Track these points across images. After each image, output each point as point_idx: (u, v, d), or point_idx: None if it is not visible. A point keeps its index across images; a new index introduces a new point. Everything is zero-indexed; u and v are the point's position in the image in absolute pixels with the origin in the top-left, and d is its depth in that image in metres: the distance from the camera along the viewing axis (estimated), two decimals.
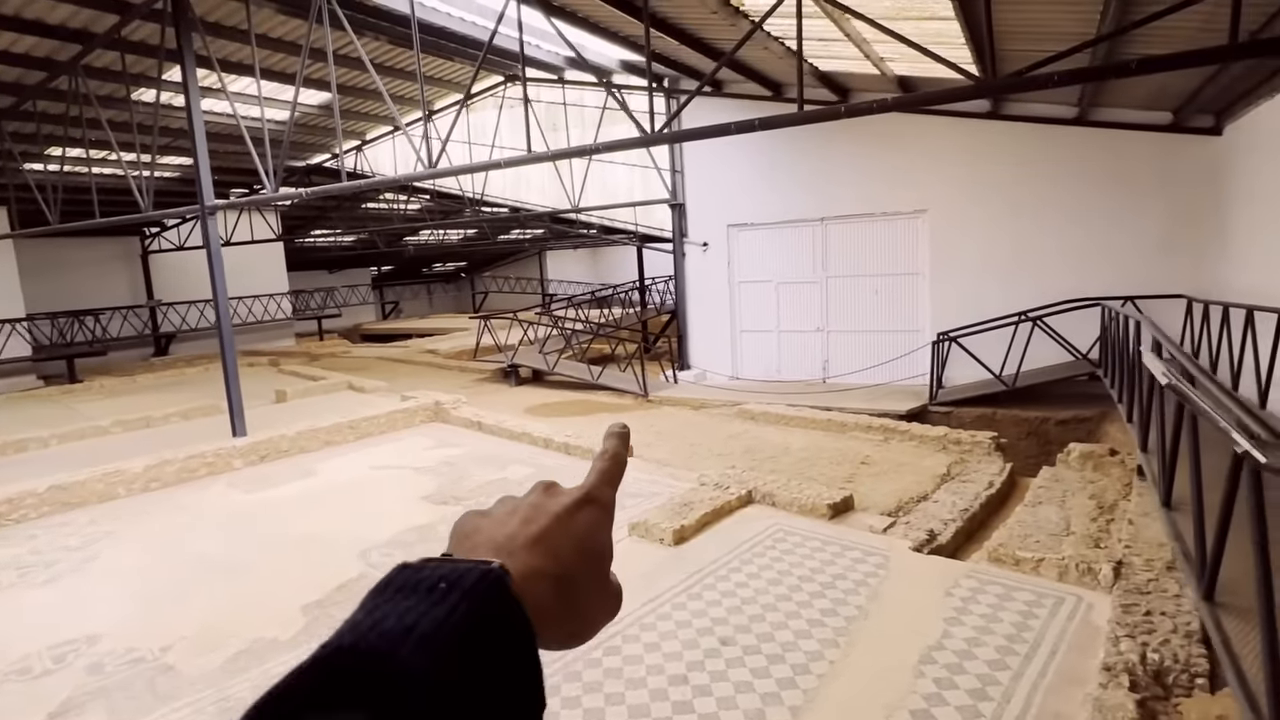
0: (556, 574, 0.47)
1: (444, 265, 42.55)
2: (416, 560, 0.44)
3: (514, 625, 0.41)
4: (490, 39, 7.43)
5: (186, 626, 5.11)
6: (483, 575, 0.42)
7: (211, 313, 23.22)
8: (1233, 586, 2.85)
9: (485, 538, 0.49)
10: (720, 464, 8.59)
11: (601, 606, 0.52)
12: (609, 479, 0.55)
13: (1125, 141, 10.13)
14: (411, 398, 11.91)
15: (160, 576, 6.03)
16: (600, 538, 0.52)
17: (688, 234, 13.72)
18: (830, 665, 4.21)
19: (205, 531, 7.04)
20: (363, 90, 14.42)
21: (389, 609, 0.39)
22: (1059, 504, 6.77)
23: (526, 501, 0.52)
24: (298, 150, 17.51)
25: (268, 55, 11.64)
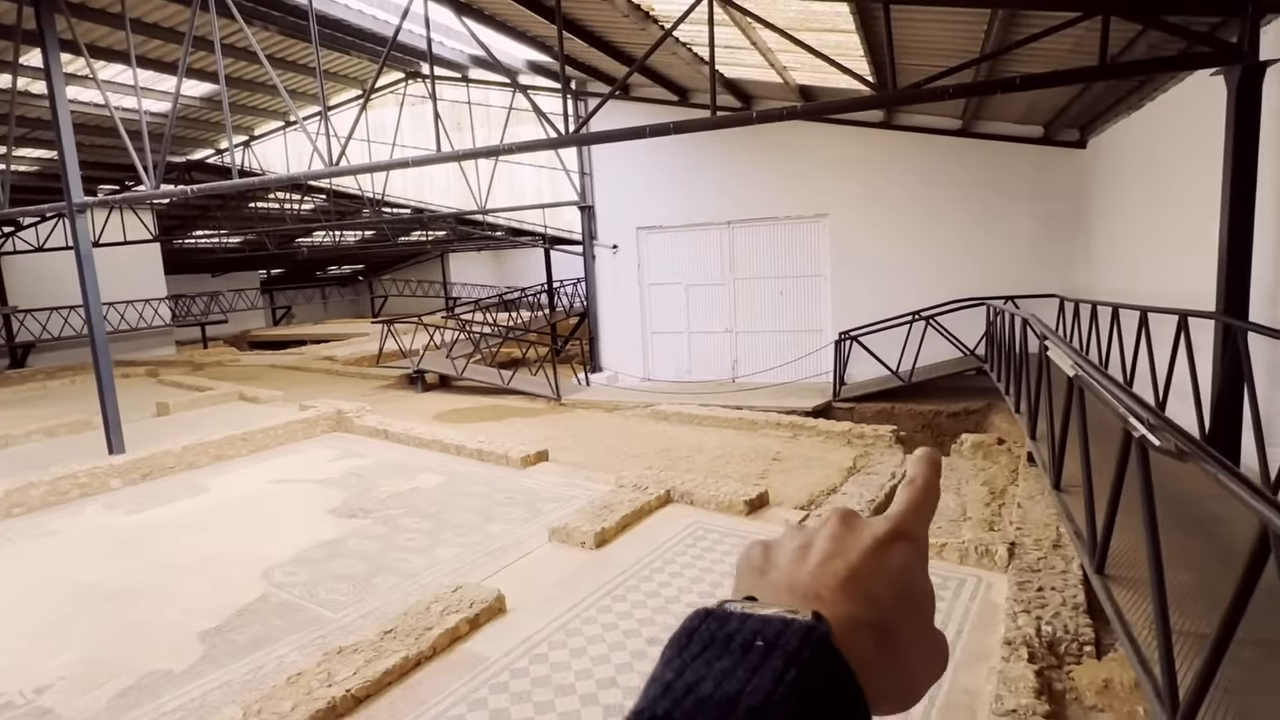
0: (875, 623, 0.40)
1: (340, 268, 40.76)
2: (718, 606, 0.38)
3: (846, 694, 0.35)
4: (395, 34, 7.18)
5: (66, 664, 4.66)
6: (806, 633, 0.35)
7: (76, 319, 21.32)
8: (1120, 560, 3.12)
9: (784, 576, 0.42)
10: (637, 465, 8.63)
11: (928, 662, 0.43)
12: (920, 511, 0.46)
13: (1003, 153, 10.93)
14: (311, 407, 11.34)
15: (31, 610, 5.46)
16: (919, 578, 0.44)
17: (597, 236, 13.73)
18: None
19: (83, 558, 6.44)
20: (252, 83, 13.62)
21: (702, 670, 0.34)
22: (955, 491, 7.20)
23: (824, 533, 0.44)
24: (178, 145, 16.33)
25: (144, 41, 10.79)
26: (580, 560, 5.81)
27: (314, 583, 5.69)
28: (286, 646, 4.76)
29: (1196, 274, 5.58)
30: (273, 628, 5.02)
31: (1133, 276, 8.25)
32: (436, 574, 5.78)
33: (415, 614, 4.79)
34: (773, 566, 0.44)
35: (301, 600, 5.41)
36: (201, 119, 15.16)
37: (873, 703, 0.36)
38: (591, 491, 7.49)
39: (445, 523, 6.88)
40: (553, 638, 4.65)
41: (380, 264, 40.28)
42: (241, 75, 13.43)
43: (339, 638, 4.81)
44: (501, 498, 7.51)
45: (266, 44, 11.65)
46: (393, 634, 4.58)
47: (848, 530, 0.44)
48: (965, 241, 11.36)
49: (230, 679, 4.40)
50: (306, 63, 13.14)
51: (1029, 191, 10.94)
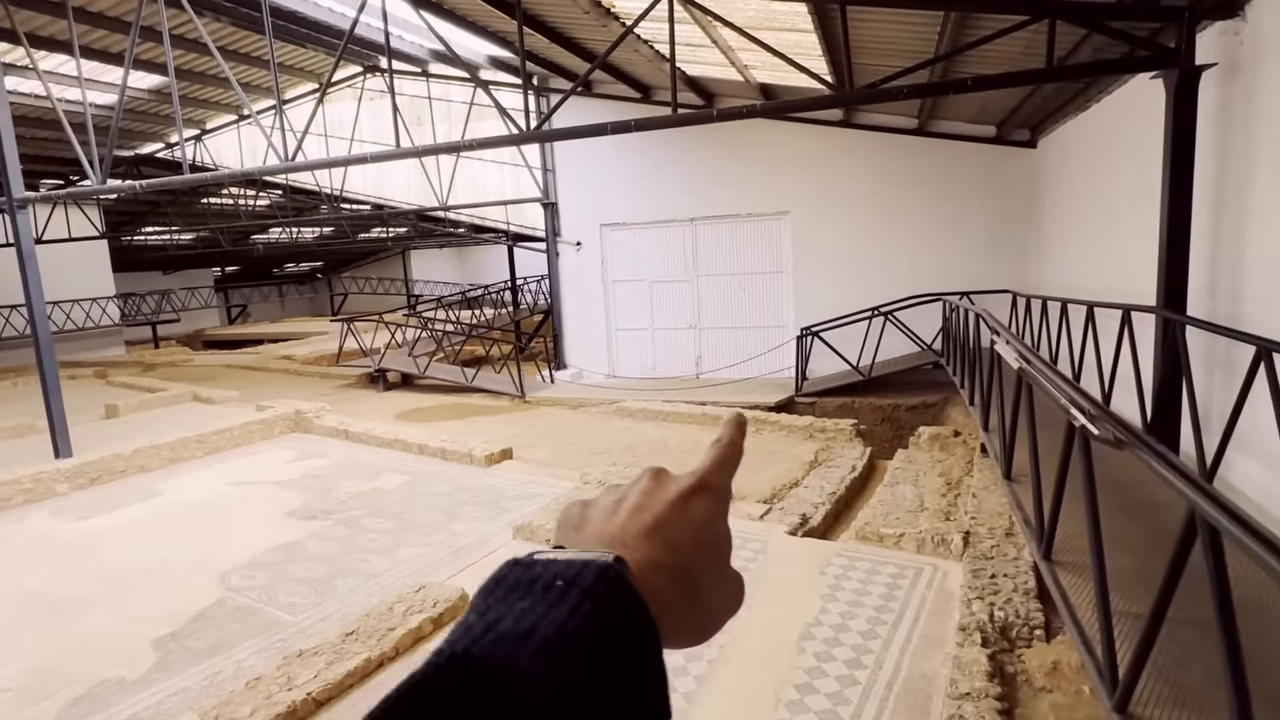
0: (675, 565, 0.44)
1: (297, 266, 39.91)
2: (525, 555, 0.41)
3: (639, 625, 0.38)
4: (352, 27, 7.06)
5: (11, 675, 4.51)
6: (602, 571, 0.39)
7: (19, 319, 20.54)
8: (1066, 546, 3.24)
9: (595, 529, 0.47)
10: (601, 462, 8.66)
11: (724, 600, 0.48)
12: (724, 465, 0.51)
13: (958, 151, 11.19)
14: (269, 407, 11.11)
15: None
16: (718, 526, 0.49)
17: (561, 233, 13.69)
18: (719, 650, 4.36)
19: (29, 566, 6.23)
20: (203, 75, 13.26)
21: (503, 610, 0.36)
22: (913, 483, 7.36)
23: (636, 489, 0.49)
24: (125, 139, 15.81)
25: (88, 31, 10.42)
26: None
27: (273, 586, 5.59)
28: (245, 651, 4.68)
29: (1140, 270, 5.79)
30: (230, 632, 4.92)
31: (1081, 272, 8.52)
32: (399, 574, 5.72)
33: (378, 615, 4.75)
34: (587, 522, 0.48)
35: (260, 604, 5.32)
36: (150, 112, 14.71)
37: (667, 634, 0.41)
38: (556, 489, 7.49)
39: (408, 522, 6.81)
40: None
41: (339, 261, 39.57)
42: (192, 67, 13.06)
43: (299, 641, 4.74)
44: (465, 496, 7.46)
45: (218, 35, 11.36)
46: (354, 635, 4.53)
47: (657, 485, 0.49)
48: (923, 238, 11.60)
49: (186, 685, 4.31)
50: (260, 55, 12.84)
51: (983, 190, 11.22)
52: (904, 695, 3.86)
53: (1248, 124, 4.62)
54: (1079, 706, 3.65)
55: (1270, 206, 4.40)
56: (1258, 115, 4.53)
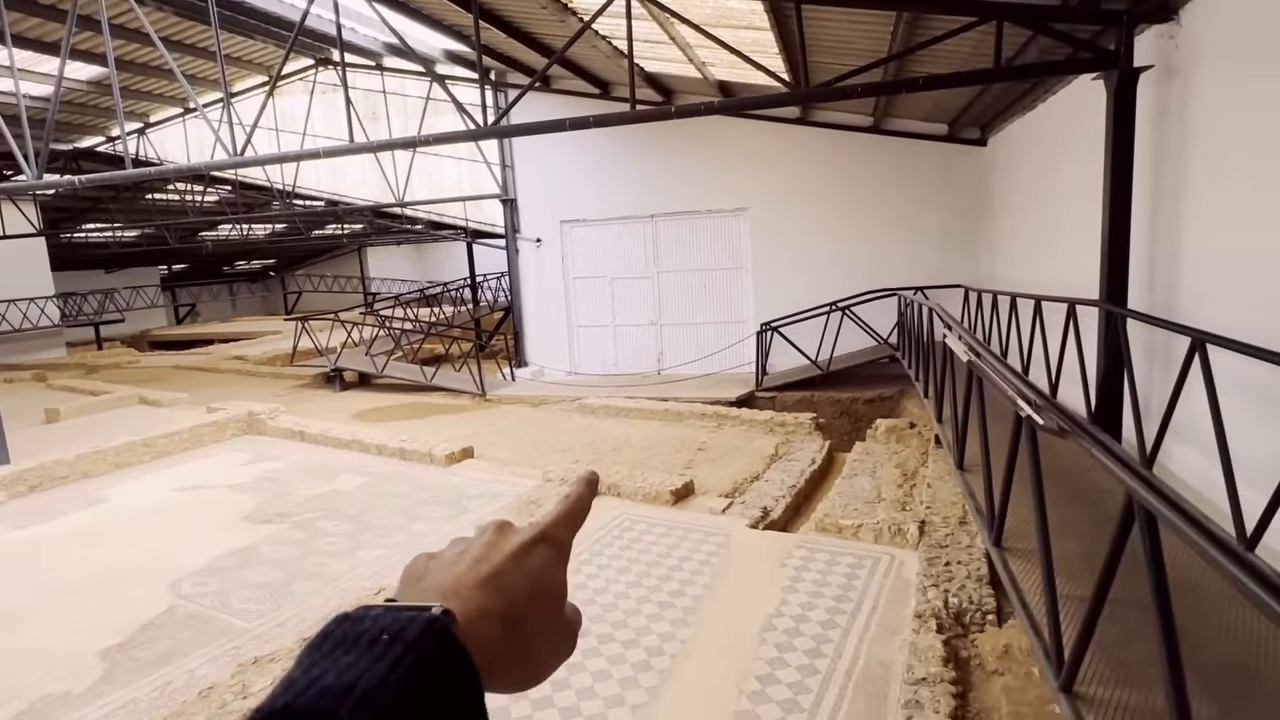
0: (506, 614, 0.46)
1: (249, 263, 38.85)
2: (356, 610, 0.42)
3: (461, 674, 0.40)
4: (302, 18, 6.88)
5: None
6: (427, 625, 0.40)
7: None
8: (1016, 532, 3.34)
9: (434, 581, 0.48)
10: (564, 459, 8.64)
11: (552, 648, 0.50)
12: (568, 520, 0.54)
13: (912, 149, 11.41)
14: (220, 409, 10.81)
15: None
16: (555, 578, 0.51)
17: (520, 230, 13.58)
18: (682, 644, 4.40)
19: None
20: (146, 66, 12.80)
21: (328, 665, 0.37)
22: (871, 474, 7.51)
23: (479, 541, 0.51)
24: (63, 132, 15.19)
25: (21, 19, 9.98)
26: None
27: (226, 592, 5.45)
28: (197, 660, 4.55)
29: (1084, 265, 5.99)
30: (181, 641, 4.79)
31: (1028, 267, 8.77)
32: (358, 577, 5.63)
33: None
34: (428, 574, 0.50)
35: (213, 611, 5.18)
36: (90, 104, 14.14)
37: (494, 681, 0.43)
38: (518, 487, 7.44)
39: (367, 524, 6.70)
40: None
41: (293, 259, 38.67)
42: (134, 58, 12.59)
43: (254, 648, 4.63)
44: (426, 496, 7.37)
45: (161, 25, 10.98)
46: None
47: (499, 537, 0.51)
48: (879, 234, 11.81)
49: (136, 697, 4.18)
50: (207, 46, 12.44)
51: (936, 186, 11.46)
52: (863, 683, 3.94)
53: (1182, 125, 4.81)
54: (1029, 688, 3.77)
55: (1204, 204, 4.59)
56: (1191, 117, 4.71)
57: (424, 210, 16.57)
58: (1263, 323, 3.89)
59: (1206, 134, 4.56)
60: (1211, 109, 4.51)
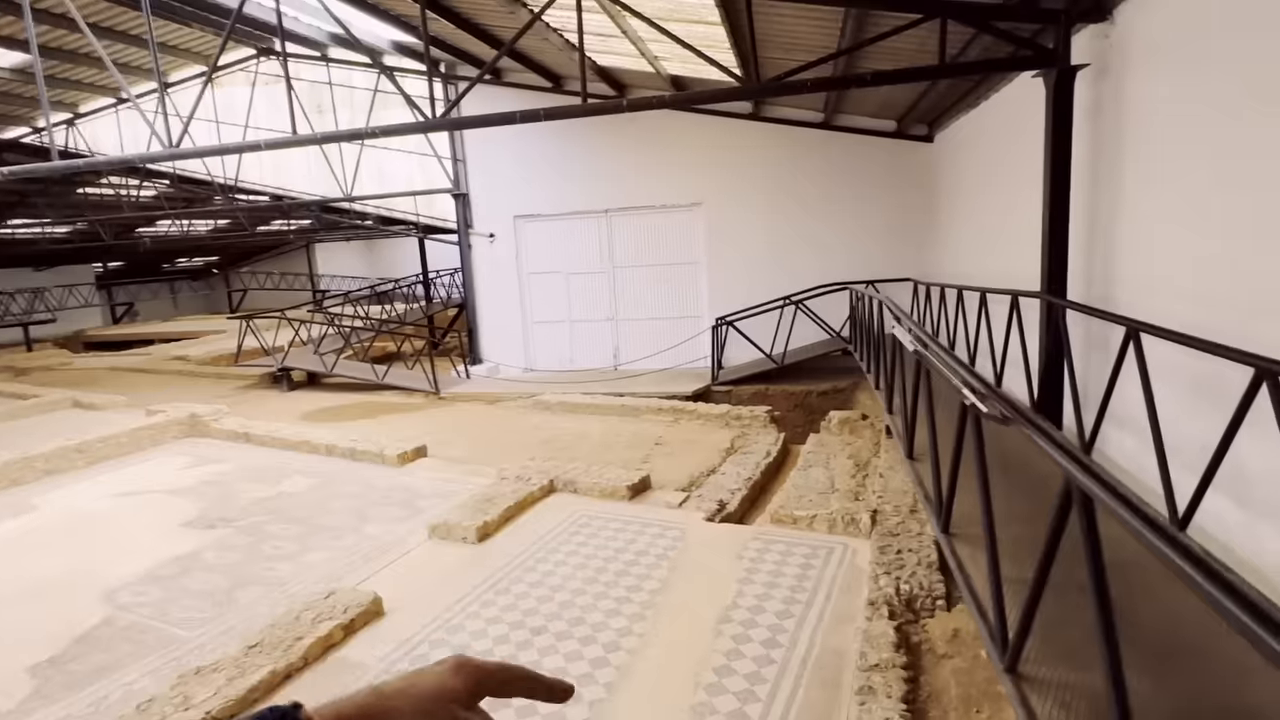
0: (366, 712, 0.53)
1: (190, 261, 37.50)
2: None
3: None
4: (241, 4, 6.64)
5: None
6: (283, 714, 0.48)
7: None
8: (963, 519, 3.41)
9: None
10: (520, 456, 8.54)
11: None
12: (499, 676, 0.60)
13: (862, 145, 11.60)
14: (160, 411, 10.41)
15: None
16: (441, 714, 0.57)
17: (473, 225, 13.38)
18: (639, 639, 4.39)
19: None
20: (74, 54, 12.20)
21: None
22: (824, 466, 7.61)
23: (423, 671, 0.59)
24: None
25: None
26: (462, 556, 5.69)
27: (167, 601, 5.26)
28: (135, 672, 4.38)
29: (1026, 257, 6.15)
30: (119, 654, 4.60)
31: (973, 260, 9.00)
32: (307, 581, 5.48)
33: (284, 625, 4.53)
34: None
35: (152, 621, 4.99)
36: (12, 93, 13.43)
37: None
38: (473, 486, 7.34)
39: (317, 527, 6.53)
40: (434, 636, 4.54)
41: (237, 255, 37.48)
42: (61, 44, 11.99)
43: (196, 658, 4.47)
44: (378, 497, 7.22)
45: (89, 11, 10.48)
46: (258, 648, 4.31)
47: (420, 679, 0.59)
48: (831, 229, 11.98)
49: (68, 714, 4.00)
50: (140, 33, 11.92)
51: (886, 182, 11.67)
52: (817, 670, 3.99)
53: (1117, 121, 4.98)
54: (976, 669, 3.86)
55: (1137, 198, 4.76)
56: (1125, 113, 4.88)
57: (373, 205, 16.19)
58: (1193, 313, 4.05)
59: (1139, 131, 4.72)
60: (1143, 106, 4.67)
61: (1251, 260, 3.63)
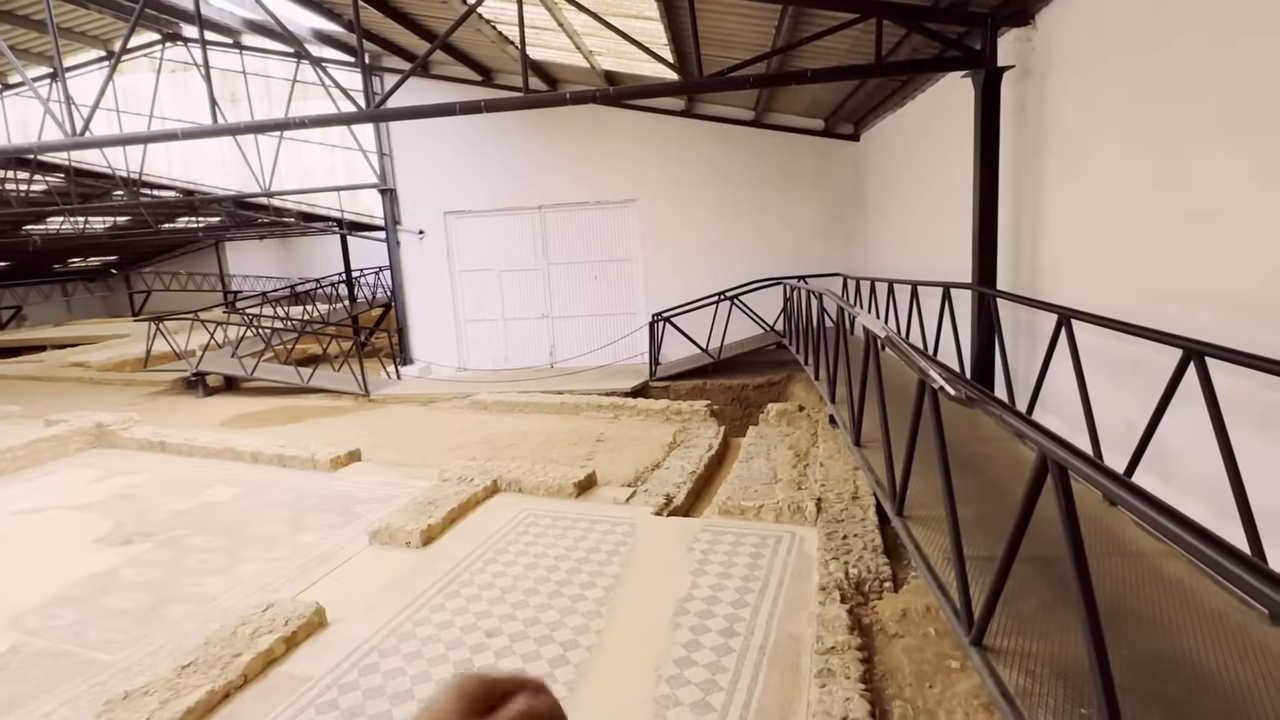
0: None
1: (85, 260, 35.00)
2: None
3: None
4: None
5: None
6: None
7: None
8: (915, 502, 3.52)
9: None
10: (458, 457, 8.35)
11: None
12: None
13: (791, 143, 11.86)
14: (61, 421, 9.67)
15: None
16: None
17: (401, 221, 12.98)
18: (597, 636, 4.35)
19: None
20: None
21: None
22: (765, 457, 7.74)
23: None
24: None
25: None
26: (407, 561, 5.51)
27: (83, 623, 4.88)
28: (52, 702, 4.04)
29: (954, 251, 6.43)
30: (31, 683, 4.23)
31: (900, 255, 9.34)
32: (240, 595, 5.19)
33: (219, 641, 4.28)
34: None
35: (68, 645, 4.62)
36: None
37: None
38: (412, 489, 7.12)
39: (246, 538, 6.20)
40: (383, 645, 4.37)
41: (140, 255, 35.21)
42: None
43: (122, 682, 4.17)
44: (311, 504, 6.91)
45: None
46: (192, 667, 4.05)
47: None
48: (762, 225, 12.20)
49: None
50: (32, 15, 11.03)
51: (814, 179, 11.98)
52: (775, 656, 4.04)
53: (1040, 120, 5.25)
54: (926, 646, 4.00)
55: (1060, 192, 5.03)
56: (1046, 112, 5.15)
57: (293, 201, 15.50)
58: (1112, 300, 4.31)
59: (1059, 128, 4.99)
60: (1062, 107, 4.94)
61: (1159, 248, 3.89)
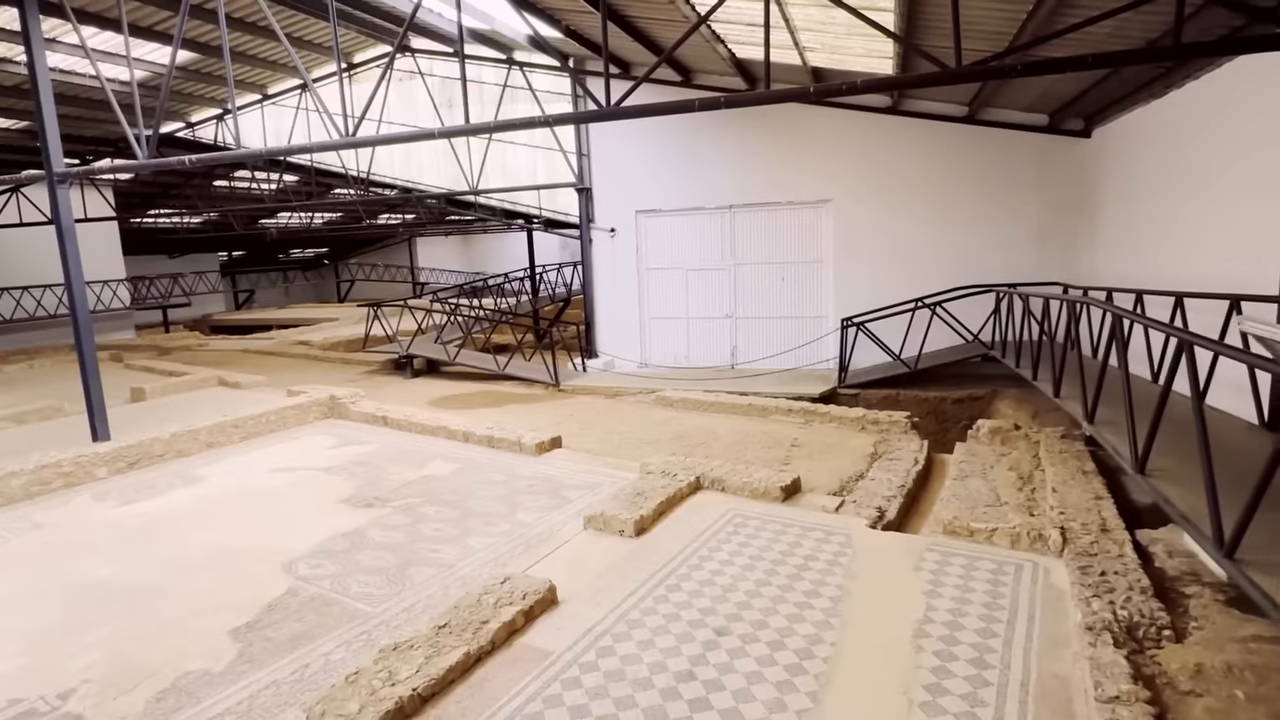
0: None
1: (303, 251, 39.54)
2: None
3: None
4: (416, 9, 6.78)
5: (88, 666, 4.31)
6: None
7: (29, 301, 20.23)
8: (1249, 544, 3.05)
9: None
10: (653, 451, 8.47)
11: None
12: None
13: (1007, 140, 10.97)
14: (301, 392, 10.89)
15: (38, 610, 5.06)
16: None
17: (594, 219, 13.43)
18: (832, 648, 4.19)
19: (84, 553, 6.01)
20: (233, 52, 12.93)
21: None
22: (982, 476, 7.18)
23: None
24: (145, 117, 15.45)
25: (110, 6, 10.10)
26: (622, 549, 5.62)
27: (343, 575, 5.40)
28: (330, 644, 4.48)
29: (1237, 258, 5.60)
30: (309, 624, 4.73)
31: (1148, 263, 8.32)
32: (473, 565, 5.54)
33: (467, 607, 4.55)
34: None
35: (334, 594, 5.12)
36: (175, 90, 14.37)
37: None
38: (615, 478, 7.30)
39: (469, 511, 6.62)
40: (615, 629, 4.46)
41: (347, 247, 39.24)
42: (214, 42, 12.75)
43: (384, 633, 4.56)
44: (523, 485, 7.27)
45: (248, 12, 11.05)
46: (447, 629, 4.34)
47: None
48: (968, 229, 11.40)
49: (276, 679, 4.12)
50: (292, 31, 12.53)
51: (1032, 179, 11.02)
52: (1042, 698, 3.68)
53: None
54: (1234, 712, 3.48)
55: None
56: None
57: (497, 198, 16.51)
58: None
59: None
60: None
61: None
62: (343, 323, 24.40)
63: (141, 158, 7.51)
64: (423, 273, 38.00)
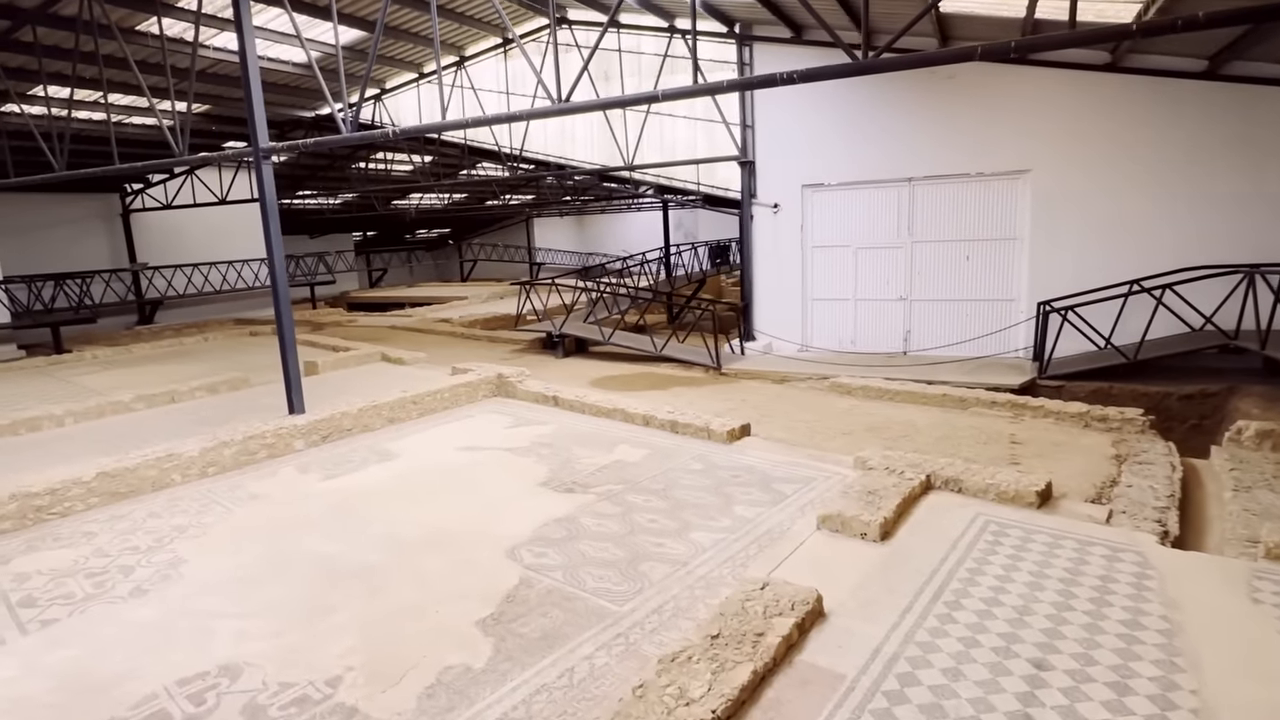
0: None
1: (429, 231, 40.85)
2: None
3: None
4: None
5: (346, 652, 4.15)
6: None
7: (199, 277, 21.60)
8: None
9: None
10: (848, 443, 7.85)
11: None
12: None
13: (1259, 98, 9.47)
14: (468, 370, 10.87)
15: (275, 585, 5.02)
16: None
17: (756, 195, 12.77)
18: (1195, 697, 3.47)
19: (303, 526, 6.01)
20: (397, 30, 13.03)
21: None
22: (1269, 488, 6.15)
23: None
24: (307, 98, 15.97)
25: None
26: (870, 555, 5.04)
27: (572, 568, 5.09)
28: (587, 645, 4.14)
29: None
30: (556, 620, 4.42)
31: None
32: (708, 564, 5.10)
33: (733, 615, 4.10)
34: None
35: (570, 588, 4.81)
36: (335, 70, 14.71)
37: None
38: (826, 472, 6.72)
39: (680, 502, 6.21)
40: (906, 653, 3.90)
41: (469, 228, 40.22)
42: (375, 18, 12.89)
43: (641, 637, 4.19)
44: (725, 476, 6.80)
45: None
46: (721, 639, 3.90)
47: None
48: (1201, 201, 9.98)
49: (544, 682, 3.80)
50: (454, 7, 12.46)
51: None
52: None
53: None
54: None
55: None
56: None
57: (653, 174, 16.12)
58: None
59: None
60: None
61: None
62: (471, 301, 24.86)
63: (345, 132, 7.48)
64: (539, 253, 38.45)
